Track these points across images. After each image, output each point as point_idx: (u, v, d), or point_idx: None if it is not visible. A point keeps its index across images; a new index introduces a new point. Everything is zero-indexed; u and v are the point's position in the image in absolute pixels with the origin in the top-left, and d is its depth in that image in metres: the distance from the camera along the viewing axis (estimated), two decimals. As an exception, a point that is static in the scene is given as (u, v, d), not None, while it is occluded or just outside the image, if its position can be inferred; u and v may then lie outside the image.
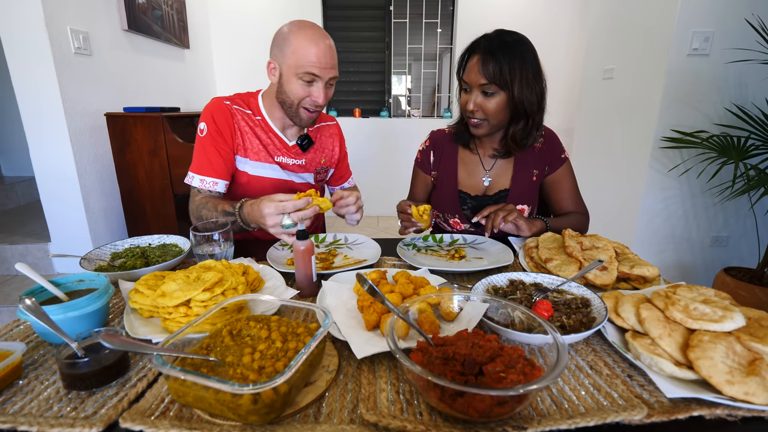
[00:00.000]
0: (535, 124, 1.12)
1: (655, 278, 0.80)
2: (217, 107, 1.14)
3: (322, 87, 1.08)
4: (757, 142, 1.93)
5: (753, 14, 1.90)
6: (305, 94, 1.08)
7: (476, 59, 1.05)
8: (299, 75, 1.05)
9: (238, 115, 1.16)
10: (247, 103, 1.19)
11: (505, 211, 1.02)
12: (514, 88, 1.04)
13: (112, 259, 0.92)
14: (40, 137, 1.99)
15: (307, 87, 1.07)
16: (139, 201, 2.31)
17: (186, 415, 0.47)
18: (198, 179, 1.13)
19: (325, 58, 1.04)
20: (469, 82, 1.08)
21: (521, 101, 1.06)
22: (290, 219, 0.86)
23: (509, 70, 1.03)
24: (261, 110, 1.19)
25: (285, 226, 0.86)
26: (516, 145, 1.15)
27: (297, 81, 1.07)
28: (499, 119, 1.10)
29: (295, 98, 1.09)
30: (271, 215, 0.88)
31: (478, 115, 1.09)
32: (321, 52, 1.04)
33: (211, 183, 1.13)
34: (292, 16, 3.94)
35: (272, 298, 0.63)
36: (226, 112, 1.15)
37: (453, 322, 0.65)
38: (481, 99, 1.07)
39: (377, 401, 0.49)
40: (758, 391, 0.47)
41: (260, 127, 1.18)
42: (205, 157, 1.13)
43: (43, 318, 0.55)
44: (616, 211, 2.49)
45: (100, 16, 2.19)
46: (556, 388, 0.53)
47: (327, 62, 1.05)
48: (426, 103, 4.17)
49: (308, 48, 1.03)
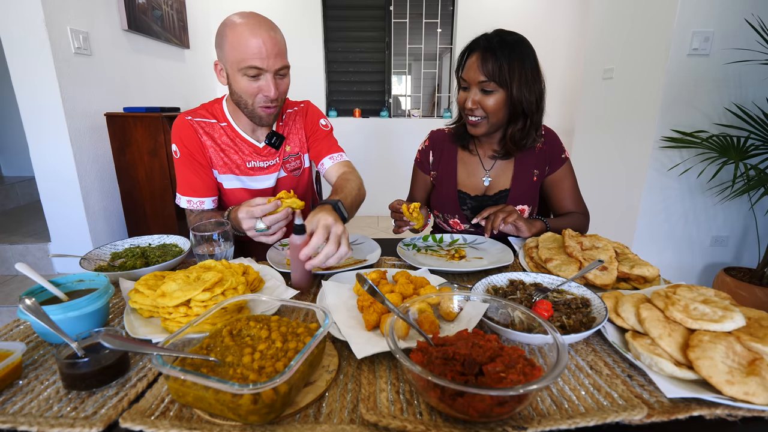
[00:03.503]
0: (533, 125, 1.12)
1: (655, 278, 0.80)
2: (181, 127, 1.12)
3: (271, 79, 1.01)
4: (757, 142, 1.93)
5: (753, 14, 1.90)
6: (255, 90, 1.02)
7: (476, 57, 1.05)
8: (243, 71, 0.99)
9: (200, 129, 1.13)
10: (212, 112, 1.15)
11: (505, 212, 1.02)
12: (513, 86, 1.04)
13: (112, 259, 0.92)
14: (40, 137, 1.99)
15: (255, 82, 1.01)
16: (139, 201, 2.31)
17: (186, 415, 0.47)
18: (185, 200, 1.13)
19: (266, 47, 0.97)
20: (468, 79, 1.07)
21: (519, 100, 1.06)
22: (262, 223, 0.89)
23: (508, 69, 1.03)
24: (226, 116, 1.15)
25: (258, 229, 0.90)
26: (515, 145, 1.15)
27: (243, 78, 1.00)
28: (497, 117, 1.09)
29: (246, 96, 1.03)
30: (244, 219, 0.91)
31: (477, 112, 1.09)
32: (260, 42, 0.96)
33: (198, 203, 1.14)
34: (292, 16, 3.94)
35: (272, 298, 0.63)
36: (190, 130, 1.12)
37: (453, 322, 0.65)
38: (479, 96, 1.07)
39: (377, 401, 0.49)
40: (758, 391, 0.47)
41: (226, 135, 1.14)
42: (184, 180, 1.13)
43: (43, 318, 0.55)
44: (616, 211, 2.49)
45: (100, 16, 2.19)
46: (556, 388, 0.52)
47: (269, 52, 0.97)
48: (426, 103, 4.17)
49: (246, 40, 0.96)
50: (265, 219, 0.89)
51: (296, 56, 1.19)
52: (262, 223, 0.89)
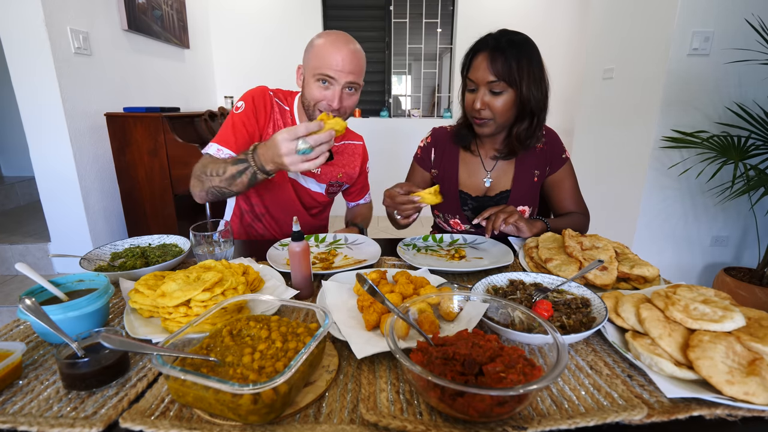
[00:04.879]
0: (539, 123, 1.12)
1: (655, 278, 0.80)
2: (261, 94, 1.16)
3: (338, 91, 1.07)
4: (757, 142, 1.93)
5: (753, 14, 1.90)
6: (321, 96, 1.08)
7: (483, 57, 1.04)
8: (316, 77, 1.07)
9: (276, 108, 1.18)
10: (287, 101, 1.22)
11: (506, 213, 1.02)
12: (523, 85, 1.03)
13: (112, 259, 0.92)
14: (40, 137, 1.99)
15: (324, 90, 1.08)
16: (139, 201, 2.32)
17: (186, 415, 0.47)
18: (215, 148, 1.10)
19: (344, 62, 1.04)
20: (476, 80, 1.06)
21: (528, 99, 1.05)
22: (306, 143, 0.83)
23: (518, 68, 1.02)
24: (294, 111, 1.21)
25: (301, 151, 0.84)
26: (520, 144, 1.14)
27: (315, 83, 1.08)
28: (505, 118, 1.09)
29: (311, 100, 1.10)
30: (285, 141, 0.85)
31: (484, 114, 1.08)
32: (340, 56, 1.04)
33: (227, 154, 1.10)
34: (293, 16, 3.95)
35: (272, 298, 0.63)
36: (268, 101, 1.17)
37: (453, 322, 0.65)
38: (488, 97, 1.06)
39: (377, 401, 0.49)
40: (758, 391, 0.47)
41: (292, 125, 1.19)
42: (232, 132, 1.12)
43: (43, 318, 0.55)
44: (616, 211, 2.49)
45: (100, 16, 2.19)
46: (556, 388, 0.52)
47: (344, 66, 1.05)
48: (426, 103, 4.17)
49: (328, 51, 1.04)
50: (308, 138, 0.84)
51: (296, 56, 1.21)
52: (305, 143, 0.83)
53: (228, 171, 0.97)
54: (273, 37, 3.70)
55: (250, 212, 1.28)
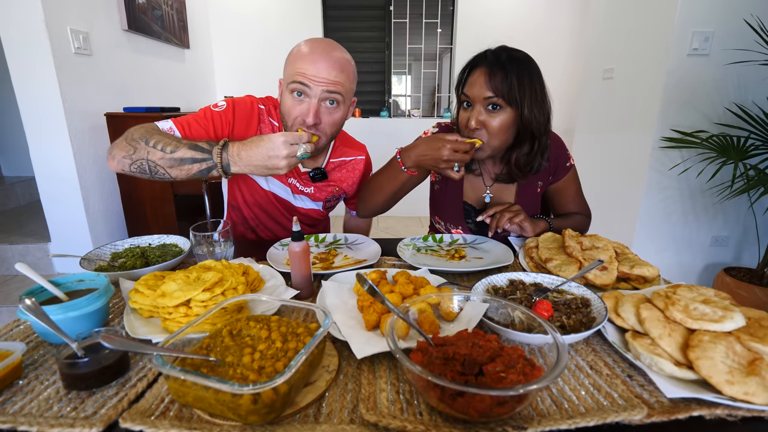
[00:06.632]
0: (540, 148, 1.04)
1: (655, 278, 0.80)
2: (245, 104, 1.05)
3: (315, 104, 0.93)
4: (756, 142, 1.93)
5: (752, 14, 1.90)
6: (296, 112, 0.95)
7: (481, 72, 0.96)
8: (290, 87, 0.94)
9: (266, 121, 1.08)
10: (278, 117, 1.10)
11: (512, 212, 1.01)
12: (524, 106, 0.95)
13: (112, 259, 0.92)
14: (40, 137, 1.99)
15: (298, 104, 0.95)
16: (139, 201, 2.32)
17: (186, 415, 0.47)
18: (168, 126, 0.97)
19: (319, 68, 0.90)
20: (472, 96, 0.97)
21: (530, 121, 0.97)
22: (303, 148, 0.88)
23: (518, 85, 0.93)
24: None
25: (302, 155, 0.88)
26: (520, 171, 1.06)
27: (289, 95, 0.95)
28: (501, 140, 0.99)
29: (287, 116, 0.98)
30: (287, 143, 0.85)
31: (479, 134, 0.98)
32: (316, 60, 0.90)
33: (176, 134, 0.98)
34: (292, 16, 3.94)
35: (272, 298, 0.63)
36: (254, 114, 1.05)
37: (453, 322, 0.65)
38: (484, 116, 0.97)
39: (377, 401, 0.49)
40: (758, 391, 0.47)
41: None
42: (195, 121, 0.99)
43: (43, 318, 0.55)
44: (616, 211, 2.49)
45: (100, 16, 2.19)
46: (556, 388, 0.53)
47: (319, 72, 0.91)
48: (426, 103, 4.17)
49: (302, 56, 0.92)
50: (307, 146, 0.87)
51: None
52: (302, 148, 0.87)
53: (179, 152, 0.87)
54: (273, 37, 3.70)
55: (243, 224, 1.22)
